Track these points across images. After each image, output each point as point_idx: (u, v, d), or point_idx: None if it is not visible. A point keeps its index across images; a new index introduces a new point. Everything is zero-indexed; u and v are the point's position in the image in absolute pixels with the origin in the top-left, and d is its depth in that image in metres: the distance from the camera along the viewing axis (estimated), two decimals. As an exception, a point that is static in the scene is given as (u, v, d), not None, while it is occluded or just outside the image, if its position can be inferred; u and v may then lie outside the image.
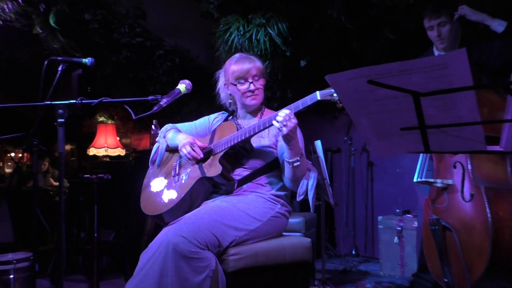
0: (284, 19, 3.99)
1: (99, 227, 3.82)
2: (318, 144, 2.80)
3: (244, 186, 2.24)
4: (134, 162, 5.14)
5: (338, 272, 4.24)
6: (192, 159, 2.25)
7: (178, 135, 2.40)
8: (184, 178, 2.25)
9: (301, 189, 2.17)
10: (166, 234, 1.93)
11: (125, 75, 5.58)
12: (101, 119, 7.53)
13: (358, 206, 5.07)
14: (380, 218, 4.13)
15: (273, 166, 2.28)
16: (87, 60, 2.46)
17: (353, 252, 4.90)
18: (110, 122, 7.53)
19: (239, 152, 2.23)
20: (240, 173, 2.26)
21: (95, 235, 3.77)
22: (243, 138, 2.15)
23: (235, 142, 2.16)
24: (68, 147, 10.64)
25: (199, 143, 2.30)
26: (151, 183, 2.41)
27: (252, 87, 2.31)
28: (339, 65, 4.50)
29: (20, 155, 10.44)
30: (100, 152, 6.87)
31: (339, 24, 3.91)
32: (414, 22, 3.70)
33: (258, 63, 2.35)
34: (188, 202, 2.17)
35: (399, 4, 3.53)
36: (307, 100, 2.00)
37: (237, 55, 2.42)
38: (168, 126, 2.57)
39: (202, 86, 4.69)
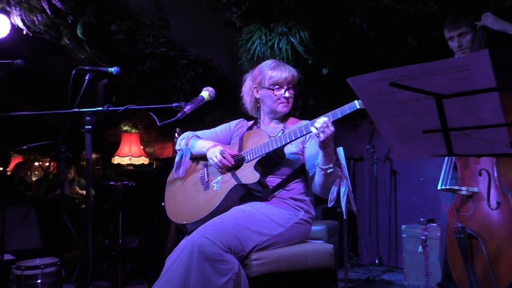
0: (306, 28, 4.02)
1: (123, 233, 3.87)
2: (340, 151, 2.79)
3: (276, 193, 2.25)
4: (158, 170, 5.20)
5: (361, 281, 4.20)
6: (223, 167, 2.27)
7: (203, 142, 2.41)
8: (216, 186, 2.26)
9: (332, 195, 2.18)
10: (191, 236, 1.96)
11: (149, 84, 5.67)
12: (125, 128, 7.66)
13: (381, 215, 5.02)
14: (403, 227, 4.08)
15: (300, 173, 2.29)
16: (113, 69, 2.53)
17: (376, 262, 4.85)
18: (134, 131, 7.66)
19: (272, 159, 2.23)
20: (271, 180, 2.27)
21: (120, 241, 3.83)
22: (279, 145, 2.16)
23: (270, 149, 2.17)
24: (93, 155, 10.85)
25: (228, 150, 2.31)
26: (179, 192, 2.42)
27: (287, 94, 2.34)
28: (361, 73, 4.50)
29: (47, 163, 10.68)
30: (124, 161, 7.00)
31: (361, 32, 3.91)
32: (437, 30, 3.68)
33: (296, 73, 2.39)
34: (223, 209, 2.18)
35: (422, 11, 3.52)
36: (346, 109, 2.01)
37: (272, 62, 2.44)
38: (188, 133, 2.60)
39: (224, 95, 4.74)
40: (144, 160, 7.19)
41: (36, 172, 12.21)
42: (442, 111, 0.95)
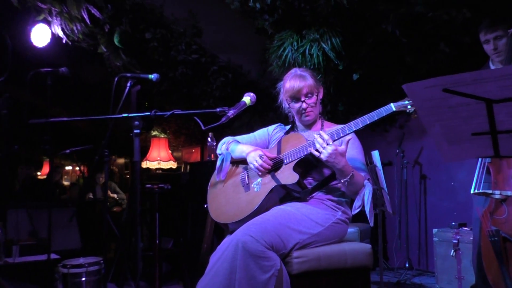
0: (338, 34, 4.10)
1: (160, 235, 4.00)
2: (375, 154, 2.86)
3: (314, 194, 2.34)
4: (190, 173, 5.32)
5: (392, 284, 4.24)
6: (263, 171, 2.36)
7: (243, 147, 2.51)
8: (256, 187, 2.35)
9: (357, 203, 2.24)
10: (235, 234, 2.06)
11: (180, 90, 5.82)
12: (154, 133, 7.82)
13: (410, 219, 5.05)
14: (435, 230, 4.11)
15: (334, 175, 2.37)
16: (152, 76, 2.66)
17: (406, 265, 4.87)
18: (163, 136, 7.81)
19: (309, 162, 2.32)
20: (309, 182, 2.36)
21: (157, 241, 3.96)
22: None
23: (308, 151, 2.24)
24: (122, 160, 11.05)
25: (267, 154, 2.40)
26: (220, 194, 2.52)
27: (304, 105, 2.41)
28: (392, 80, 4.55)
29: (78, 168, 10.93)
30: (153, 165, 7.13)
31: (393, 39, 3.97)
32: (470, 36, 3.72)
33: (310, 81, 2.42)
34: (264, 209, 2.27)
35: (456, 18, 3.56)
36: (382, 112, 2.08)
37: (292, 71, 2.51)
38: (228, 138, 2.69)
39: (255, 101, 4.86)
40: (173, 165, 7.31)
41: (66, 177, 12.51)
42: (491, 115, 1.03)
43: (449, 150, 1.20)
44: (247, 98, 2.36)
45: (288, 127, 2.68)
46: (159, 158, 7.17)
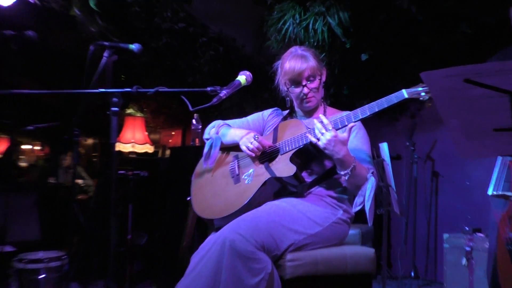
0: (346, 8, 4.12)
1: (132, 229, 4.03)
2: (383, 147, 2.92)
3: (313, 190, 2.38)
4: (170, 160, 5.34)
5: (394, 295, 4.32)
6: (257, 152, 2.38)
7: (236, 131, 2.54)
8: (247, 179, 2.38)
9: (358, 199, 2.27)
10: (222, 231, 2.08)
11: (163, 63, 5.81)
12: (129, 111, 7.79)
13: (419, 222, 5.11)
14: (446, 236, 4.18)
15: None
16: (134, 46, 2.66)
17: (412, 274, 4.96)
18: (139, 115, 7.78)
19: (309, 152, 2.35)
20: (307, 175, 2.39)
21: (129, 236, 3.98)
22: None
23: (307, 140, 2.27)
24: (90, 141, 11.01)
25: (263, 141, 2.42)
26: (206, 185, 2.55)
27: (305, 90, 2.44)
28: (405, 62, 4.58)
29: (40, 147, 10.88)
30: (126, 148, 7.12)
31: (408, 16, 4.00)
32: (495, 16, 3.76)
33: (312, 62, 2.44)
34: (255, 204, 2.30)
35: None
36: (392, 98, 2.11)
37: (292, 50, 2.53)
38: (218, 121, 2.71)
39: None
40: (149, 148, 7.30)
41: (22, 157, 12.42)
42: (515, 109, 1.07)
43: (467, 146, 1.24)
44: (242, 78, 2.38)
45: (285, 112, 2.71)
46: (133, 140, 7.15)
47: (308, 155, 2.36)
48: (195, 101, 2.34)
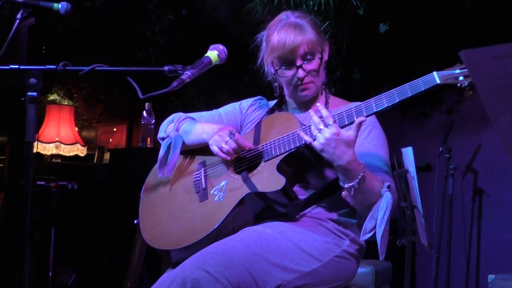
0: (362, -43, 4.15)
1: (56, 263, 4.01)
2: (407, 153, 2.94)
3: (308, 211, 2.38)
4: (110, 166, 5.33)
5: None
6: (233, 155, 2.38)
7: (204, 126, 2.53)
8: (218, 195, 2.37)
9: (368, 223, 2.26)
10: (182, 267, 2.08)
11: (101, 31, 5.78)
12: (52, 97, 7.72)
13: (454, 258, 5.14)
14: (491, 277, 4.19)
15: None
16: (59, 5, 2.65)
17: (444, 331, 4.99)
18: (66, 102, 7.72)
19: (304, 159, 2.34)
20: (301, 190, 2.38)
21: (50, 275, 3.97)
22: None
23: (302, 142, 2.25)
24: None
25: (242, 139, 2.41)
26: (161, 203, 2.55)
27: (300, 73, 2.43)
28: (440, 36, 4.61)
29: None
30: (48, 150, 7.04)
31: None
32: None
33: (310, 34, 2.43)
34: (229, 230, 2.29)
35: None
36: (419, 85, 2.11)
37: (282, 16, 2.52)
38: (179, 114, 2.71)
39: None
40: (80, 150, 7.24)
41: None
42: None
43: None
44: (213, 53, 2.38)
45: (272, 103, 2.72)
46: (58, 138, 7.09)
47: (303, 162, 2.35)
48: (147, 85, 2.34)
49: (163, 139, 2.64)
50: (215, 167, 2.49)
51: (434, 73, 2.08)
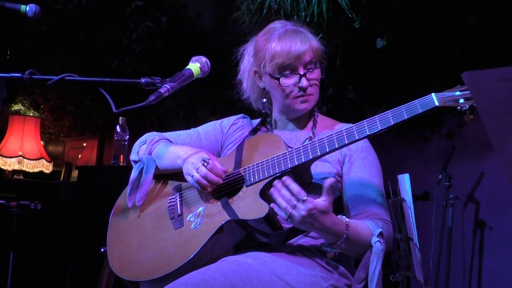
0: (359, -32, 4.18)
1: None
2: (403, 180, 2.94)
3: (294, 240, 2.37)
4: (78, 185, 5.30)
5: None
6: (207, 186, 2.35)
7: (178, 149, 2.53)
8: (194, 221, 2.36)
9: (359, 273, 2.28)
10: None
11: (73, 36, 5.77)
12: (16, 107, 7.67)
13: (453, 296, 5.15)
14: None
15: (335, 206, 2.35)
16: (27, 8, 2.65)
17: None
18: (32, 114, 7.68)
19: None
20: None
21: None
22: (303, 160, 2.24)
23: (289, 166, 2.26)
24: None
25: (217, 167, 2.39)
26: (131, 230, 2.53)
27: (304, 82, 2.44)
28: (442, 52, 4.63)
29: None
30: (10, 165, 6.98)
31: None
32: None
33: (315, 42, 2.48)
34: (207, 259, 2.28)
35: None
36: (416, 106, 2.11)
37: (278, 24, 2.54)
38: (153, 135, 2.71)
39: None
40: (45, 167, 7.20)
41: None
42: None
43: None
44: (195, 66, 2.38)
45: (256, 121, 2.72)
46: (21, 152, 7.04)
47: None
48: (122, 97, 2.34)
49: (135, 162, 2.63)
50: (192, 191, 2.47)
51: (433, 94, 2.08)
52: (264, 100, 2.63)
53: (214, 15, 5.73)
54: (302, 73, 2.43)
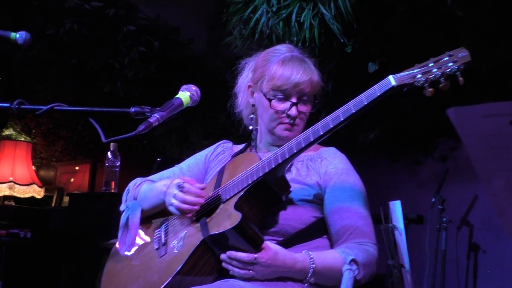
0: (350, -7, 4.21)
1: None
2: (395, 207, 2.96)
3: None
4: (69, 211, 5.28)
5: None
6: (186, 209, 2.35)
7: (157, 185, 2.53)
8: (177, 246, 2.36)
9: None
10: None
11: (64, 61, 5.79)
12: (7, 132, 7.66)
13: (448, 321, 5.14)
14: None
15: (317, 230, 2.41)
16: (17, 36, 2.66)
17: None
18: (23, 139, 7.67)
19: (268, 193, 2.31)
20: (266, 233, 2.34)
21: None
22: (270, 167, 2.24)
23: (260, 173, 2.26)
24: None
25: (194, 187, 2.39)
26: (123, 269, 2.54)
27: (294, 111, 2.45)
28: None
29: None
30: (1, 190, 6.96)
31: (442, 10, 4.09)
32: None
33: (316, 76, 2.50)
34: (188, 281, 2.25)
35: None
36: (375, 90, 2.12)
37: (283, 48, 2.57)
38: (134, 181, 2.74)
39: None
40: (37, 192, 7.16)
41: None
42: None
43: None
44: (185, 95, 2.39)
45: (240, 147, 2.73)
46: (12, 178, 7.00)
47: (267, 197, 2.33)
48: (114, 122, 2.35)
49: (123, 211, 2.65)
50: (176, 219, 2.48)
51: (390, 76, 2.10)
52: (252, 115, 2.64)
53: (206, 40, 5.76)
54: (294, 101, 2.44)
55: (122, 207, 2.66)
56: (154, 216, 2.62)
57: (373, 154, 5.42)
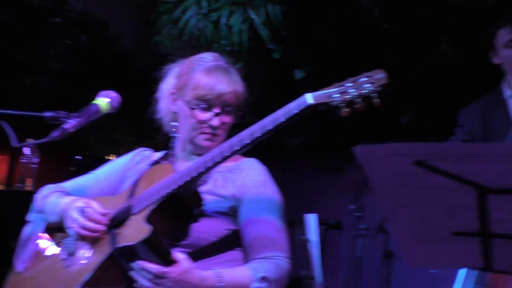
0: (279, 0, 4.22)
1: None
2: (310, 219, 2.98)
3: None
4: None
5: None
6: (87, 234, 2.32)
7: (61, 201, 2.48)
8: (84, 256, 2.34)
9: None
10: None
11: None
12: None
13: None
14: None
15: (230, 241, 2.40)
16: None
17: None
18: None
19: (181, 206, 2.29)
20: (182, 251, 2.35)
21: None
22: (184, 181, 2.21)
23: (175, 186, 2.23)
24: None
25: (96, 207, 2.35)
26: (26, 279, 2.48)
27: (215, 121, 2.43)
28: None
29: None
30: None
31: (369, 22, 4.14)
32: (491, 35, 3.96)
33: (240, 87, 2.48)
34: None
35: (471, 3, 3.78)
36: (293, 107, 2.09)
37: (208, 57, 2.53)
38: (44, 189, 2.65)
39: (124, 89, 4.83)
40: None
41: None
42: (484, 209, 1.15)
43: (418, 252, 1.31)
44: (103, 101, 2.36)
45: (159, 155, 2.71)
46: None
47: (181, 211, 2.30)
48: (32, 121, 2.30)
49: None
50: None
51: (307, 94, 2.06)
52: (174, 123, 2.61)
53: (135, 36, 5.72)
54: (217, 112, 2.42)
55: (29, 217, 2.61)
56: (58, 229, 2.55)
57: (297, 159, 5.45)
